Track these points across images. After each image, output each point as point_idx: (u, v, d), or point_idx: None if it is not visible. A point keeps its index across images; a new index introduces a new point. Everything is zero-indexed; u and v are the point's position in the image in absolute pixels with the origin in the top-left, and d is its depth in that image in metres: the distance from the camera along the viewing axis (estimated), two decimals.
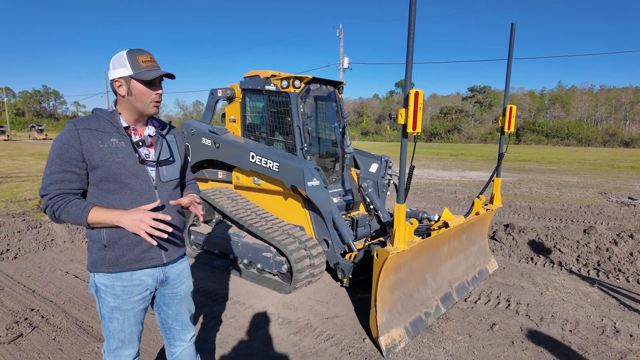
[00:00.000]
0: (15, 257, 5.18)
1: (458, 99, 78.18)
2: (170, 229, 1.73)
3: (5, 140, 40.45)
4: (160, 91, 1.82)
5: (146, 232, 1.65)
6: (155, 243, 1.70)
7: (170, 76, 1.82)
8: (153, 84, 1.78)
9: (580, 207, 8.63)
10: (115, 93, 1.78)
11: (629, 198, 10.15)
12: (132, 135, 1.82)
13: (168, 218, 1.71)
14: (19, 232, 5.89)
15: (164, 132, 1.96)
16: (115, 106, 1.82)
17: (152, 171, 1.84)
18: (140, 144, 1.82)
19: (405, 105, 2.86)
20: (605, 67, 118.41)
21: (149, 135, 1.88)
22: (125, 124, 1.80)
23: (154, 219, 1.67)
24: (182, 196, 2.07)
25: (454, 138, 61.64)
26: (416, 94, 2.81)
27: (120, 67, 1.72)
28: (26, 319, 3.51)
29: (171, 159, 1.94)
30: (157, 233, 1.68)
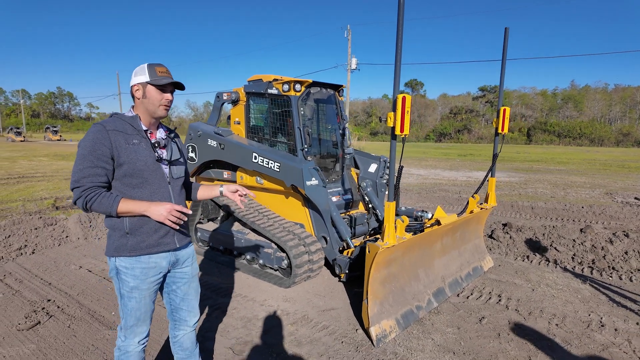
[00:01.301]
0: (33, 252, 5.48)
1: (469, 99, 77.70)
2: (186, 219, 2.07)
3: (21, 141, 41.48)
4: (169, 96, 2.08)
5: (170, 220, 1.98)
6: (177, 228, 2.05)
7: (180, 87, 2.11)
8: (164, 90, 2.05)
9: (582, 207, 8.67)
10: (133, 98, 2.08)
11: (635, 198, 10.13)
12: (149, 137, 2.10)
13: (190, 212, 2.05)
14: (36, 229, 6.21)
15: (172, 135, 2.24)
16: (133, 111, 2.09)
17: (165, 169, 2.12)
18: (157, 145, 2.09)
19: (394, 109, 3.04)
20: (620, 65, 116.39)
21: (162, 138, 2.16)
22: (144, 128, 2.08)
23: (177, 211, 2.00)
24: (187, 194, 2.39)
25: (463, 138, 61.30)
26: (403, 98, 2.99)
27: (140, 75, 2.02)
28: (43, 308, 3.77)
29: (181, 159, 2.24)
30: (177, 221, 2.01)
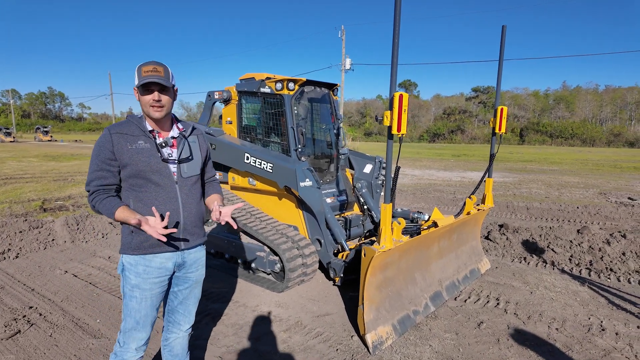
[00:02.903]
0: (17, 257, 5.29)
1: (462, 100, 78.03)
2: (175, 230, 1.97)
3: (11, 141, 40.82)
4: (152, 96, 1.95)
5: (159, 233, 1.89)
6: (165, 240, 1.95)
7: (160, 85, 1.94)
8: (149, 90, 1.94)
9: (577, 208, 8.64)
10: None
11: (629, 198, 10.14)
12: (156, 137, 2.06)
13: (175, 231, 1.97)
14: (21, 232, 6.01)
15: (187, 133, 2.17)
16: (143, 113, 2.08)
17: (174, 168, 2.08)
18: (164, 144, 2.05)
19: (390, 108, 2.93)
20: (610, 66, 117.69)
21: (172, 137, 2.10)
22: (150, 128, 2.04)
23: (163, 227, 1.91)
24: (203, 192, 2.33)
25: (457, 138, 61.53)
26: (400, 96, 2.88)
27: (135, 78, 1.97)
28: (24, 316, 3.60)
29: (190, 157, 2.16)
30: (165, 233, 1.91)
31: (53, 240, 5.93)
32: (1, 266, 4.92)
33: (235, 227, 2.14)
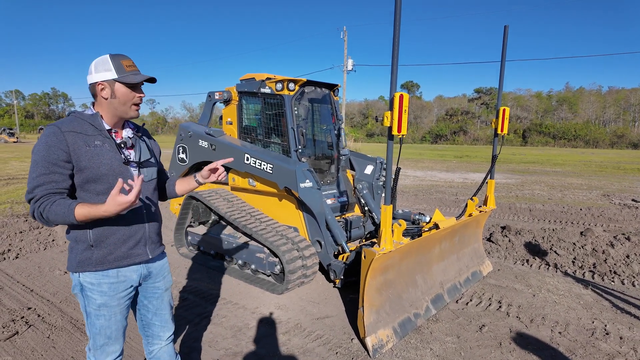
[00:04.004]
0: (17, 257, 5.27)
1: (464, 101, 77.93)
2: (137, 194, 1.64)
3: (14, 142, 40.97)
4: (142, 94, 1.88)
5: (132, 201, 1.59)
6: (140, 203, 1.82)
7: (152, 80, 1.88)
8: (136, 87, 1.84)
9: (580, 209, 8.57)
10: (95, 96, 1.82)
11: (633, 200, 10.06)
12: (114, 137, 1.87)
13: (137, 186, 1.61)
14: (21, 232, 6.01)
15: (140, 133, 2.02)
16: (93, 109, 1.85)
17: (134, 172, 1.90)
18: (123, 145, 1.87)
19: (391, 108, 2.90)
20: (613, 68, 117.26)
21: (128, 137, 1.93)
22: (107, 127, 1.84)
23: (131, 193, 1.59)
24: (163, 194, 2.21)
25: (459, 140, 61.43)
26: (401, 96, 2.85)
27: (104, 71, 1.76)
28: (23, 317, 3.58)
29: (152, 159, 2.03)
30: (134, 196, 1.59)
31: (53, 240, 5.92)
32: (1, 267, 4.91)
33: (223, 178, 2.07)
